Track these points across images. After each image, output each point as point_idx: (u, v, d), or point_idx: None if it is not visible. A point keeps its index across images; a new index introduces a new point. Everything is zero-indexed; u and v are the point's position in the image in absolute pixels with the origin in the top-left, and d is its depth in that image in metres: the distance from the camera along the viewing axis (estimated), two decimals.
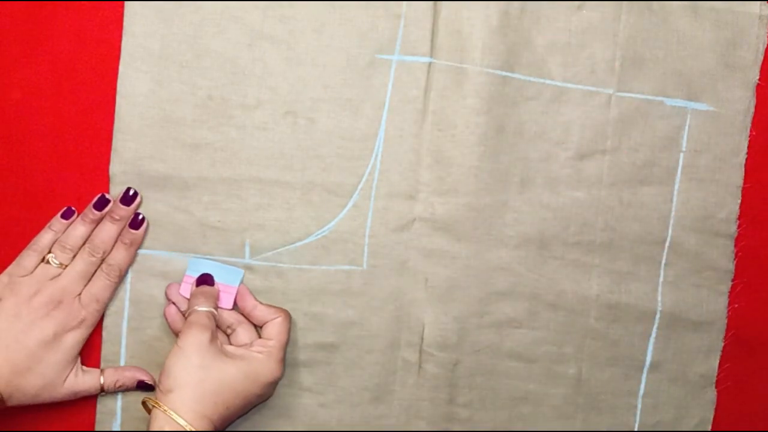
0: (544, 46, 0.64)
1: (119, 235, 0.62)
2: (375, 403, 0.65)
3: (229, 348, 0.61)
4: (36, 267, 0.61)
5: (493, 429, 0.66)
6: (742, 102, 0.65)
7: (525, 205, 0.65)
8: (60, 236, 0.61)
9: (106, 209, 0.62)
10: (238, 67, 0.62)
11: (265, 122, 0.63)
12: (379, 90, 0.63)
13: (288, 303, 0.64)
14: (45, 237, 0.61)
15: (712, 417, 0.68)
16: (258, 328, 0.63)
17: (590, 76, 0.64)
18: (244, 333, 0.62)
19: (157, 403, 0.56)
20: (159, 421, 0.56)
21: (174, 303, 0.63)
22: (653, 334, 0.66)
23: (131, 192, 0.62)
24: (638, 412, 0.67)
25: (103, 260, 0.61)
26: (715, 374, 0.68)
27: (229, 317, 0.62)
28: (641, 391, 0.67)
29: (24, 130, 0.63)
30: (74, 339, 0.60)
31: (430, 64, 0.63)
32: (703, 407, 0.68)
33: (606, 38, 0.64)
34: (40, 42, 0.62)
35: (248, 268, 0.63)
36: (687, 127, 0.65)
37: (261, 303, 0.63)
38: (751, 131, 0.66)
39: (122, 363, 0.64)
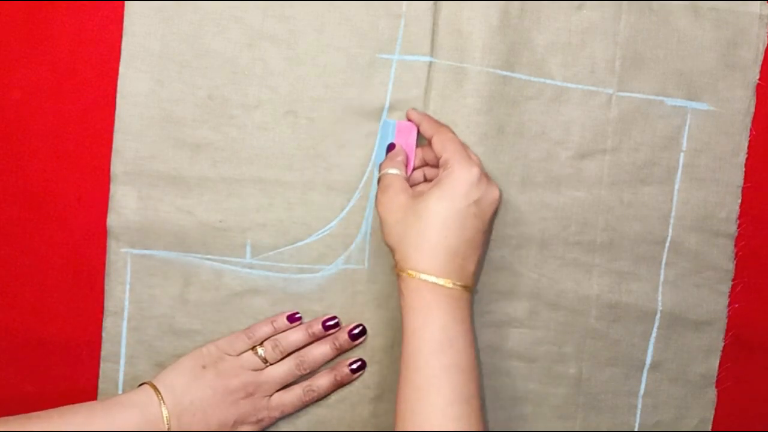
0: (544, 45, 0.64)
1: (331, 359, 0.63)
2: (375, 402, 0.65)
3: (419, 187, 0.61)
4: (244, 352, 0.62)
5: (493, 429, 0.66)
6: (742, 102, 0.66)
7: (525, 204, 0.65)
8: (278, 335, 0.62)
9: (332, 331, 0.63)
10: (238, 67, 0.62)
11: (265, 122, 0.63)
12: (380, 89, 0.63)
13: (289, 302, 0.64)
14: (263, 329, 0.62)
15: (712, 417, 0.68)
16: None
17: (590, 76, 0.64)
18: None
19: (395, 269, 0.58)
20: (400, 285, 0.57)
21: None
22: (653, 334, 0.66)
23: (359, 329, 0.63)
24: (638, 412, 0.67)
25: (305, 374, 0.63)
26: (715, 374, 0.67)
27: (419, 174, 0.62)
28: (641, 391, 0.67)
29: (24, 130, 0.63)
30: None
31: (430, 63, 0.63)
32: (703, 407, 0.68)
33: (606, 38, 0.64)
34: (40, 42, 0.62)
35: (250, 267, 0.64)
36: (687, 127, 0.65)
37: (425, 119, 0.62)
38: (751, 131, 0.66)
39: (122, 363, 0.63)
